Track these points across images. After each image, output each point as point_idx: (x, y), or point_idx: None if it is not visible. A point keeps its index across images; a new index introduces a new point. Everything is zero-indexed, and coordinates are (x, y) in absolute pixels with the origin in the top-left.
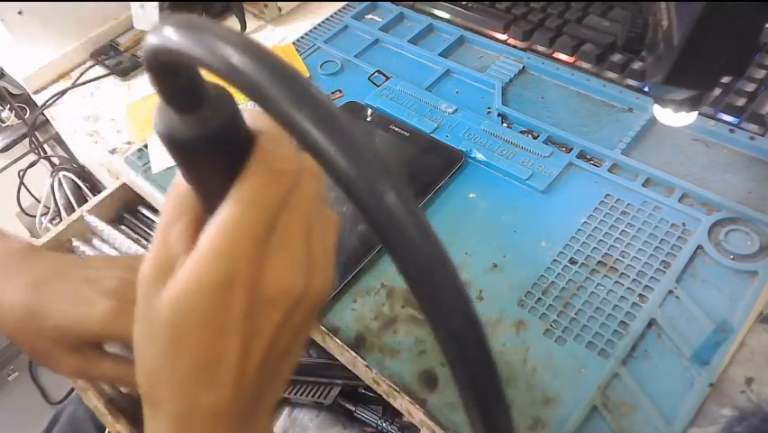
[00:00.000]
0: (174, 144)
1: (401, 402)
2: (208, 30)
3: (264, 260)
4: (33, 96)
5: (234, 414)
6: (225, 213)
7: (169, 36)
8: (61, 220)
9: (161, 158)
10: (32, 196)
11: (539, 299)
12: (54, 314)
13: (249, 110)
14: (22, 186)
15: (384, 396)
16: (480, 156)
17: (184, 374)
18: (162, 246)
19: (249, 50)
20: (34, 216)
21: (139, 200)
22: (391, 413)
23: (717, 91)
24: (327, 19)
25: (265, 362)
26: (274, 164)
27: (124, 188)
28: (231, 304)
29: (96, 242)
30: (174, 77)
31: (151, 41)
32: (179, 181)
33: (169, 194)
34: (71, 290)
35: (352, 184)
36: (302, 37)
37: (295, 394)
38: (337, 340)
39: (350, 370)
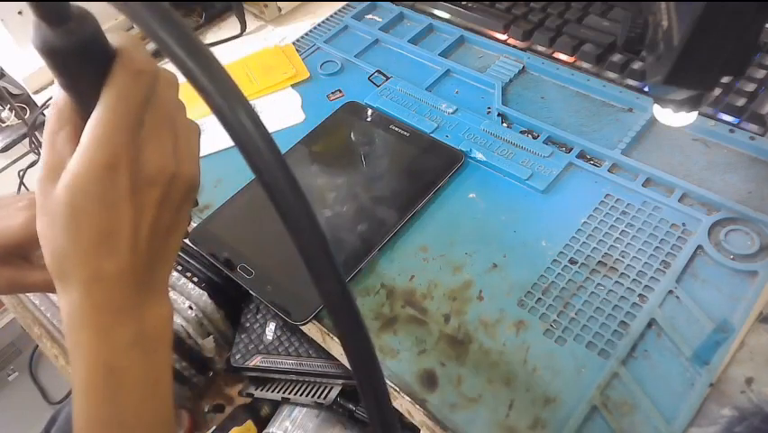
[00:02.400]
0: (48, 54)
1: (401, 402)
2: None
3: (139, 147)
4: (33, 96)
5: (133, 277)
6: (100, 107)
7: None
8: None
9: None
10: None
11: (539, 299)
12: None
13: (112, 32)
14: (23, 186)
15: None
16: (480, 156)
17: (85, 245)
18: (51, 151)
19: None
20: None
21: None
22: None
23: (717, 91)
24: (327, 19)
25: (153, 233)
26: (134, 65)
27: None
28: (117, 182)
29: None
30: None
31: None
32: (59, 95)
33: (51, 106)
34: None
35: (206, 92)
36: (302, 37)
37: (295, 394)
38: (337, 340)
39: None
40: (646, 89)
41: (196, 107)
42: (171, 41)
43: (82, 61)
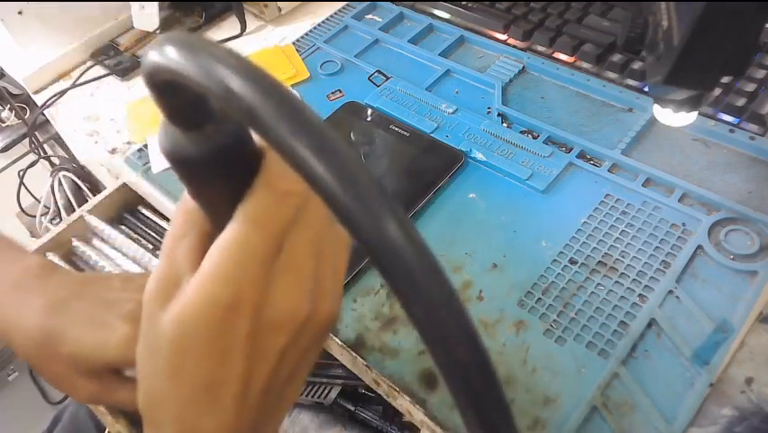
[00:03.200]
0: (178, 162)
1: (401, 402)
2: (206, 50)
3: (270, 282)
4: (33, 96)
5: None
6: (231, 233)
7: (169, 55)
8: (61, 220)
9: (161, 158)
10: (32, 196)
11: (539, 299)
12: (71, 339)
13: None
14: (22, 186)
15: (384, 396)
16: (480, 156)
17: (185, 397)
18: (168, 264)
19: (246, 73)
20: (34, 216)
21: (139, 200)
22: (391, 413)
23: (717, 91)
24: (327, 19)
25: (269, 386)
26: (281, 184)
27: (124, 188)
28: (235, 327)
29: (96, 242)
30: (175, 94)
31: (151, 58)
32: (187, 197)
33: (177, 209)
34: (88, 313)
35: (351, 218)
36: (302, 37)
37: None
38: (337, 340)
39: (350, 370)
40: (646, 89)
41: None
42: (309, 155)
43: (218, 171)
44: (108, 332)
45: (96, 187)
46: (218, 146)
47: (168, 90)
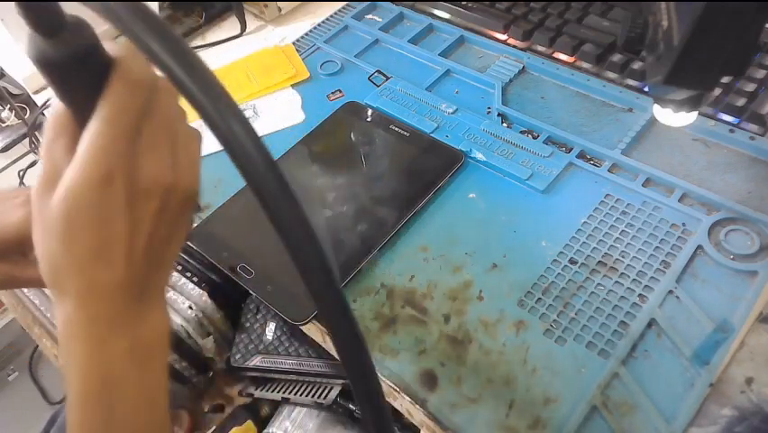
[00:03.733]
0: (44, 65)
1: (401, 402)
2: None
3: (135, 158)
4: (33, 96)
5: (129, 289)
6: (96, 120)
7: None
8: None
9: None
10: None
11: (539, 299)
12: None
13: (109, 42)
14: (22, 186)
15: (384, 396)
16: (480, 156)
17: (80, 256)
18: (48, 161)
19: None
20: None
21: None
22: (391, 413)
23: (717, 91)
24: (327, 19)
25: (150, 244)
26: (131, 75)
27: None
28: (113, 194)
29: None
30: (37, 6)
31: None
32: (57, 104)
33: (49, 116)
34: None
35: (198, 103)
36: (302, 37)
37: (295, 394)
38: None
39: None
40: (646, 89)
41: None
42: (156, 45)
43: (78, 72)
44: (7, 216)
45: None
46: (75, 49)
47: (30, 3)
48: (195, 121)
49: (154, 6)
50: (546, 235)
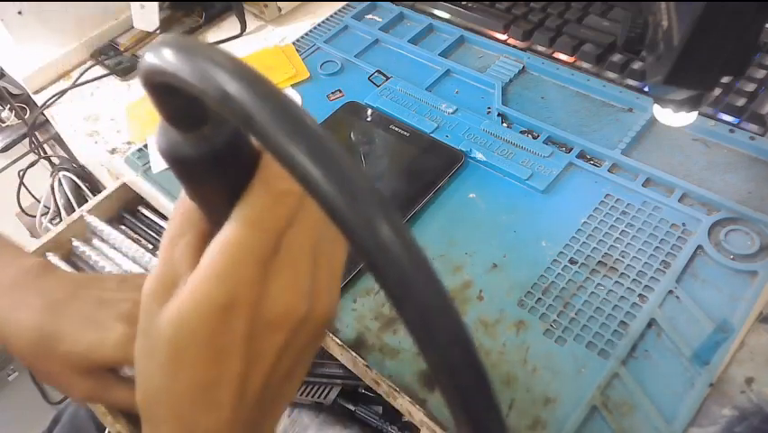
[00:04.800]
0: (176, 163)
1: (401, 402)
2: (203, 53)
3: (267, 282)
4: (33, 96)
5: None
6: (228, 233)
7: (165, 57)
8: (61, 220)
9: (161, 158)
10: (32, 196)
11: (539, 299)
12: (68, 338)
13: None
14: (22, 186)
15: (384, 396)
16: (480, 156)
17: (183, 395)
18: (166, 263)
19: (243, 77)
20: (34, 216)
21: (139, 200)
22: (391, 413)
23: (717, 91)
24: (327, 19)
25: (266, 384)
26: (279, 184)
27: (124, 188)
28: (231, 326)
29: (95, 242)
30: (172, 96)
31: (148, 60)
32: (185, 197)
33: (175, 209)
34: (85, 312)
35: (346, 223)
36: (302, 37)
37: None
38: (337, 340)
39: (350, 370)
40: (646, 89)
41: None
42: (312, 168)
43: (216, 172)
44: (105, 332)
45: (95, 187)
46: (215, 147)
47: (165, 92)
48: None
49: (153, 10)
50: (546, 235)
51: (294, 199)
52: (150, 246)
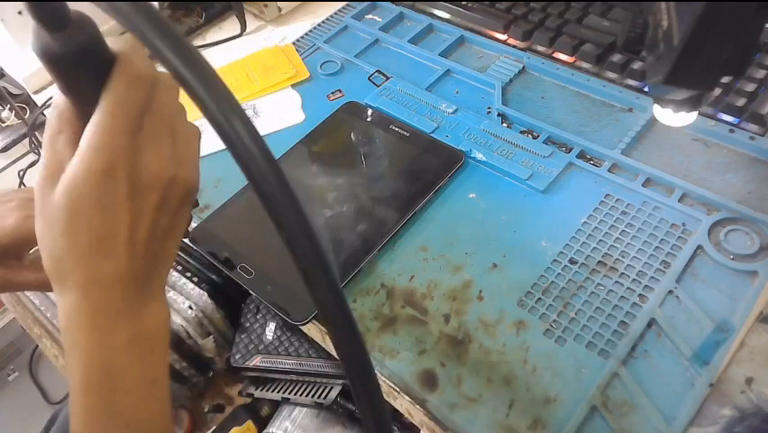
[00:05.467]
0: (48, 59)
1: (401, 402)
2: None
3: (137, 151)
4: (33, 96)
5: (131, 280)
6: (99, 113)
7: None
8: None
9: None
10: None
11: (539, 299)
12: None
13: (112, 37)
14: (22, 186)
15: (384, 396)
16: (480, 156)
17: (83, 248)
18: (50, 154)
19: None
20: None
21: None
22: (391, 413)
23: (717, 91)
24: (327, 19)
25: (151, 236)
26: (133, 70)
27: None
28: (115, 187)
29: None
30: (43, 2)
31: None
32: (60, 98)
33: (52, 109)
34: None
35: (202, 101)
36: (302, 37)
37: (295, 394)
38: None
39: None
40: (646, 89)
41: (196, 109)
42: (162, 44)
43: (81, 67)
44: (2, 221)
45: None
46: (79, 44)
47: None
48: (196, 120)
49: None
50: (546, 235)
51: (147, 82)
52: None
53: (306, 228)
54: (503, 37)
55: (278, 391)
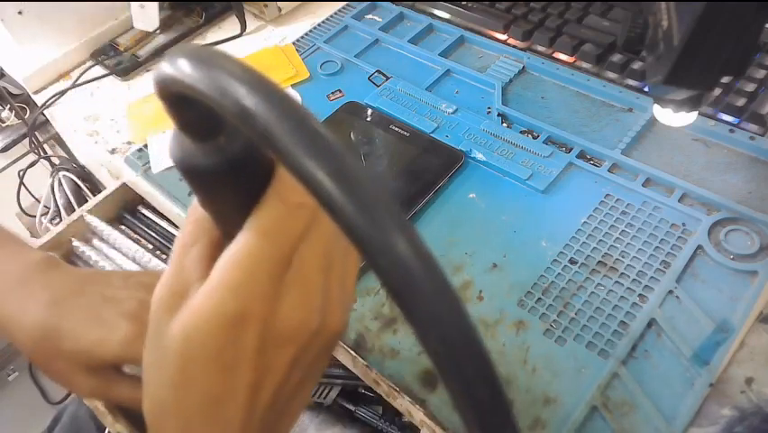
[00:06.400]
0: (190, 173)
1: (401, 402)
2: (220, 65)
3: (279, 296)
4: (33, 96)
5: None
6: (241, 244)
7: (182, 68)
8: (61, 220)
9: (161, 158)
10: (32, 196)
11: (539, 299)
12: (72, 336)
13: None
14: (23, 186)
15: (384, 396)
16: (480, 156)
17: (191, 409)
18: (177, 271)
19: (260, 91)
20: (34, 216)
21: (139, 200)
22: (391, 413)
23: (717, 91)
24: (327, 19)
25: (276, 398)
26: (293, 196)
27: (124, 188)
28: (242, 340)
29: (95, 242)
30: (189, 106)
31: (164, 70)
32: (198, 206)
33: (188, 216)
34: (90, 309)
35: (366, 245)
36: (302, 37)
37: None
38: (339, 341)
39: (350, 370)
40: (646, 89)
41: None
42: (327, 182)
43: (230, 182)
44: (109, 329)
45: (95, 187)
46: (230, 158)
47: (181, 103)
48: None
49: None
50: (546, 235)
51: (307, 213)
52: (150, 246)
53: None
54: (503, 37)
55: None
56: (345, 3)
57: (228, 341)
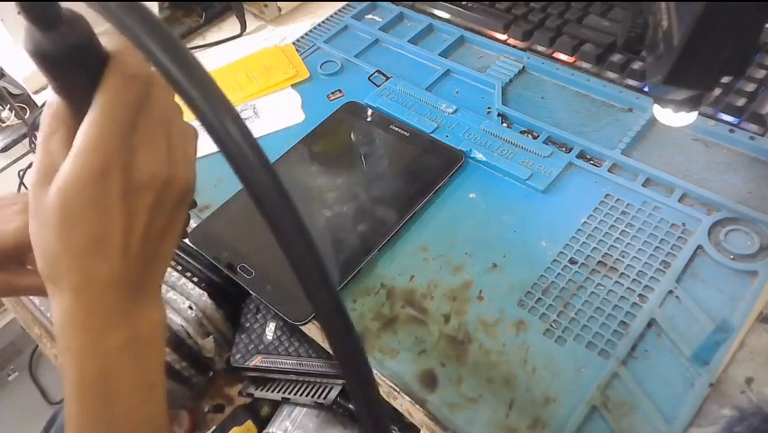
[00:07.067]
0: (40, 58)
1: (401, 402)
2: None
3: (132, 152)
4: (33, 96)
5: (125, 282)
6: (92, 114)
7: None
8: None
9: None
10: None
11: (539, 299)
12: None
13: (105, 36)
14: (22, 186)
15: (384, 396)
16: (480, 156)
17: (77, 249)
18: (44, 154)
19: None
20: None
21: None
22: (391, 413)
23: (717, 91)
24: (327, 19)
25: (146, 238)
26: (127, 69)
27: None
28: (109, 188)
29: None
30: (35, 1)
31: None
32: (54, 98)
33: (45, 109)
34: None
35: (192, 100)
36: (302, 37)
37: (295, 394)
38: None
39: None
40: (646, 89)
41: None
42: (153, 45)
43: (74, 66)
44: (4, 224)
45: None
46: (71, 43)
47: None
48: (193, 120)
49: (153, 6)
50: (546, 235)
51: (141, 82)
52: None
53: (300, 230)
54: (503, 37)
55: (278, 391)
56: (345, 3)
57: (98, 190)
